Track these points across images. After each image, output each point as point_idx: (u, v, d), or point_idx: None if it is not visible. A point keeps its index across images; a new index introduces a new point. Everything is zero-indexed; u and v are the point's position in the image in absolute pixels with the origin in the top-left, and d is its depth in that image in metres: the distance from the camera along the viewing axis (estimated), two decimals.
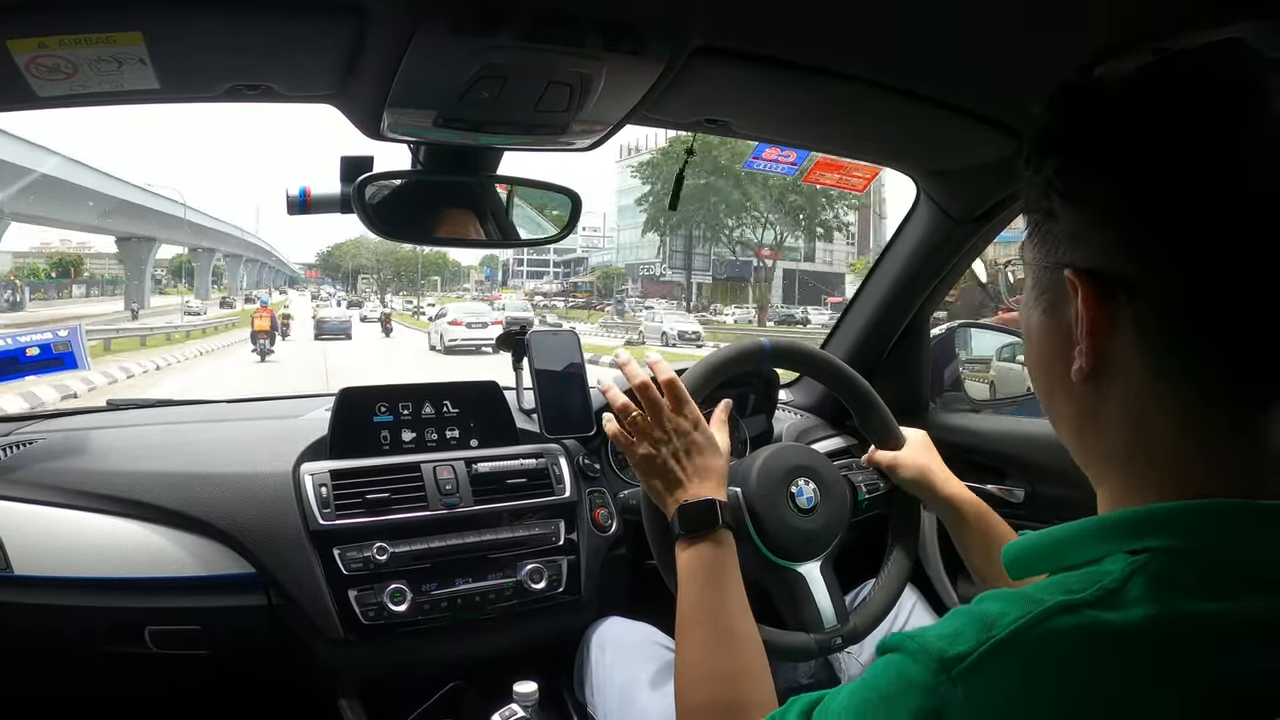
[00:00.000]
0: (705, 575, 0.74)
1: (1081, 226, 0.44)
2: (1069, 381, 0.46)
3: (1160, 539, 0.40)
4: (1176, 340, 0.41)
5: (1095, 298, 0.43)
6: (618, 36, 0.74)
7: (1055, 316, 0.47)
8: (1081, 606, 0.38)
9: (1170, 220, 0.40)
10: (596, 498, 1.28)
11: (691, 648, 0.71)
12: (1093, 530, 0.44)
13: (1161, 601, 0.37)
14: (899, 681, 0.40)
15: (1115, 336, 0.43)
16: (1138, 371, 0.43)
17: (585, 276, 57.29)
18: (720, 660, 0.69)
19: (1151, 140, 0.41)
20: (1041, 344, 0.49)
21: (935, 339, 1.60)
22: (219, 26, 0.73)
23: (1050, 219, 0.46)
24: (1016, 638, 0.37)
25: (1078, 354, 0.44)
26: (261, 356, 14.46)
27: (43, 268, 49.60)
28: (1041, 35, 0.75)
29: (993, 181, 1.20)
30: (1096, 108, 0.44)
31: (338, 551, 1.08)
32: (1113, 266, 0.42)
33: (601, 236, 62.91)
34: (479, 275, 53.93)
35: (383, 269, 64.12)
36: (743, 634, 0.71)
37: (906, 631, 0.42)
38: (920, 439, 1.00)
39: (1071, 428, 0.49)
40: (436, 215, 1.08)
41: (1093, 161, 0.43)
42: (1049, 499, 1.29)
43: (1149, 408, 0.43)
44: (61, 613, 1.05)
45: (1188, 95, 0.42)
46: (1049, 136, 0.46)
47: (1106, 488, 0.47)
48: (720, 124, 1.05)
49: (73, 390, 8.52)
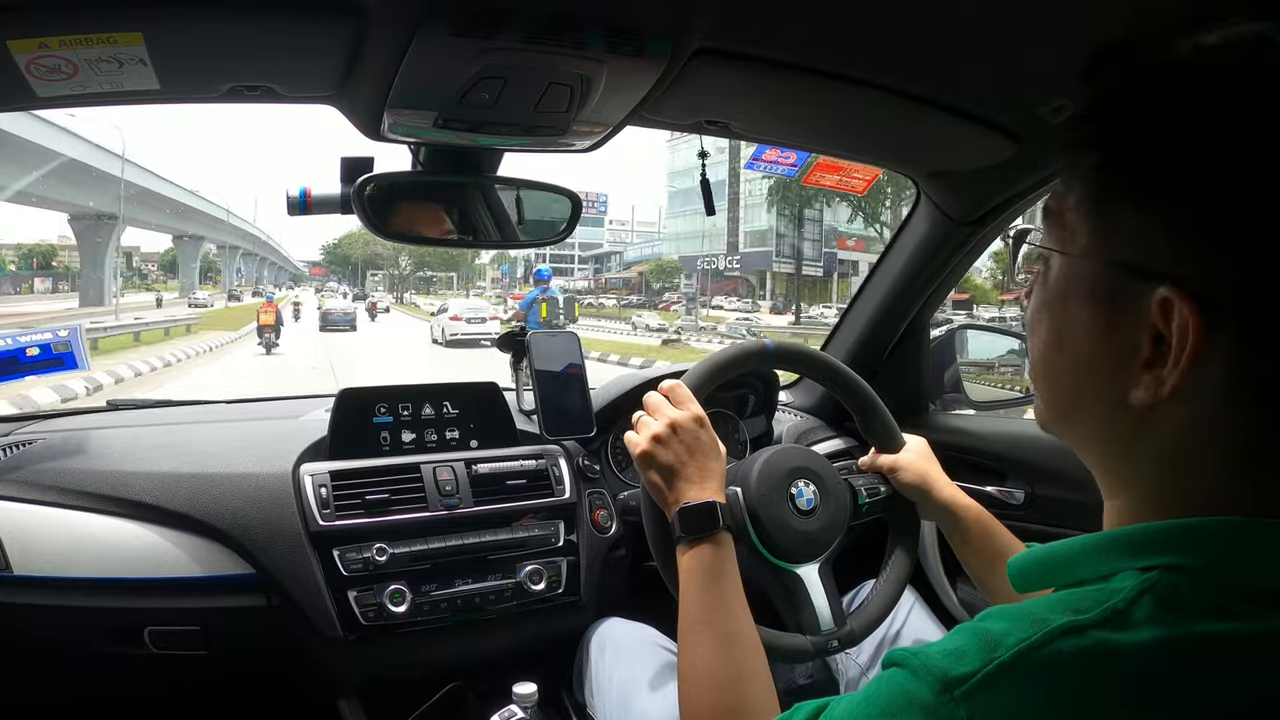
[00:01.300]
0: (706, 578, 0.74)
1: (1176, 236, 0.38)
2: (1112, 400, 0.41)
3: (1171, 557, 0.38)
4: (1254, 367, 0.38)
5: (1201, 324, 0.37)
6: (618, 38, 0.74)
7: (1114, 327, 0.41)
8: (1087, 628, 0.36)
9: (1270, 238, 0.36)
10: (596, 499, 1.27)
11: (694, 652, 0.71)
12: (1103, 545, 0.42)
13: (1170, 624, 0.36)
14: (901, 698, 0.39)
15: (1199, 363, 0.38)
16: (1212, 402, 0.38)
17: (621, 272, 53.87)
18: (722, 665, 0.69)
19: (1255, 144, 0.37)
20: (1085, 355, 0.43)
21: (935, 340, 1.61)
22: (219, 27, 0.73)
23: (1122, 209, 0.40)
24: (1020, 660, 0.36)
25: (1150, 380, 0.39)
26: (267, 350, 14.84)
27: (10, 259, 47.33)
28: (1042, 36, 0.75)
29: (993, 183, 1.20)
30: (1204, 96, 0.38)
31: (337, 552, 1.08)
32: (1213, 288, 0.37)
33: (630, 230, 60.17)
34: (495, 273, 51.79)
35: (397, 261, 59.64)
36: (744, 637, 0.71)
37: (911, 648, 0.41)
38: (921, 446, 0.99)
39: (1097, 445, 0.45)
40: (436, 216, 1.08)
41: (1202, 164, 0.38)
42: (1049, 501, 1.29)
43: (1206, 435, 0.39)
44: (61, 613, 1.05)
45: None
46: (1137, 121, 0.40)
47: (1122, 501, 0.44)
48: (721, 125, 1.05)
49: (73, 392, 8.49)
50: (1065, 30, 0.72)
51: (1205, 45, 0.39)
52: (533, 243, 1.14)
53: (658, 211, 53.19)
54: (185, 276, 48.19)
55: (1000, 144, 1.02)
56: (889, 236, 1.40)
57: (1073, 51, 0.54)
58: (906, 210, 1.38)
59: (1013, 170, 1.12)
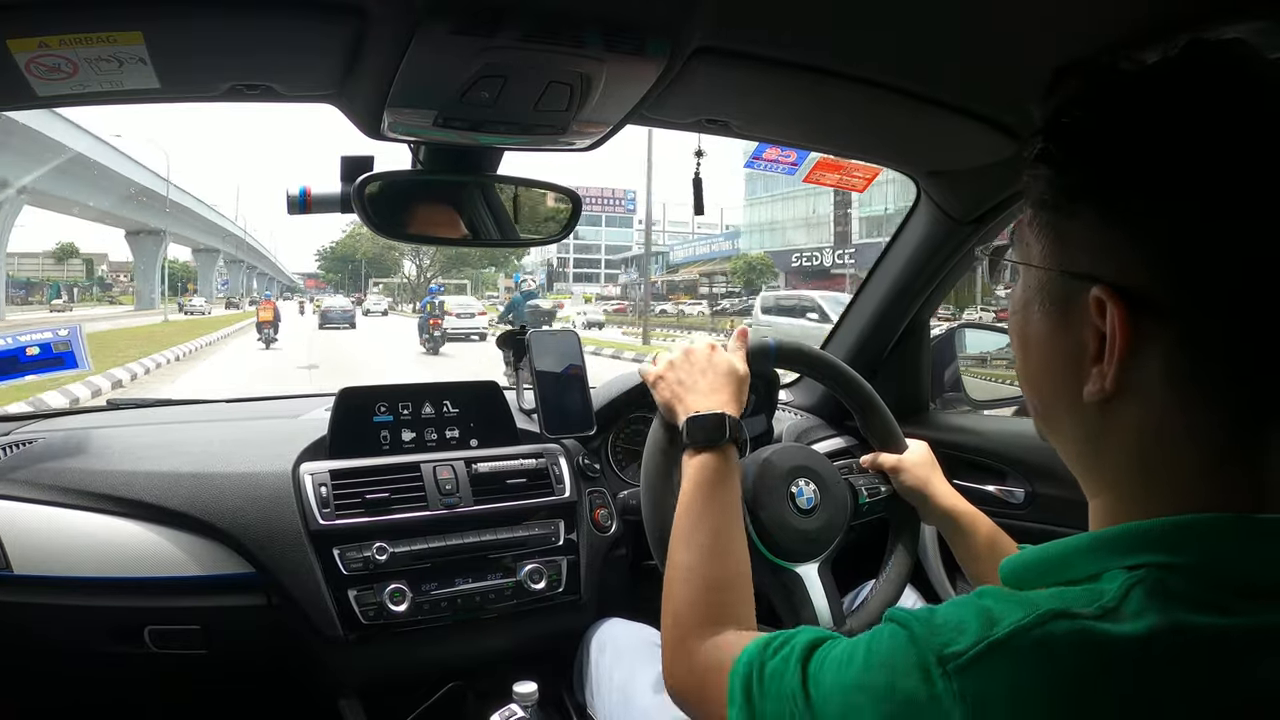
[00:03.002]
0: (708, 486, 0.75)
1: (1114, 239, 0.41)
2: (1076, 399, 0.44)
3: (1158, 555, 0.39)
4: (1204, 366, 0.40)
5: (1128, 318, 0.40)
6: (618, 37, 0.74)
7: (1065, 329, 0.44)
8: (1080, 618, 0.37)
9: (1215, 243, 0.38)
10: (596, 498, 1.28)
11: (684, 551, 0.72)
12: (1092, 545, 0.43)
13: (1159, 614, 0.37)
14: (898, 658, 0.40)
15: (1136, 359, 0.41)
16: (1158, 395, 0.41)
17: (666, 275, 46.83)
18: (710, 567, 0.70)
19: (1204, 152, 0.39)
20: (1045, 357, 0.46)
21: (935, 339, 1.61)
22: (219, 26, 0.73)
23: (1069, 219, 0.43)
24: (1013, 639, 0.37)
25: (1096, 375, 0.42)
26: (266, 344, 15.63)
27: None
28: (1042, 36, 0.75)
29: (993, 182, 1.20)
30: (1141, 110, 0.41)
31: (337, 551, 1.08)
32: (1147, 287, 0.40)
33: (662, 231, 55.20)
34: (508, 281, 49.18)
35: (402, 267, 52.89)
36: (734, 547, 0.72)
37: (915, 611, 0.42)
38: (923, 451, 0.99)
39: (1073, 445, 0.47)
40: (436, 215, 1.08)
41: (1134, 171, 0.40)
42: (1049, 500, 1.29)
43: (1162, 430, 0.41)
44: (61, 612, 1.05)
45: (1238, 100, 0.39)
46: (1081, 133, 0.42)
47: (1103, 500, 0.46)
48: (721, 124, 1.05)
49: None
50: (1065, 27, 0.72)
51: (1148, 59, 0.42)
52: (533, 242, 1.14)
53: (662, 209, 50.44)
54: (142, 282, 35.93)
55: (1000, 142, 1.02)
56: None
57: (1073, 49, 0.54)
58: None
59: (1012, 169, 1.11)
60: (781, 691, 0.47)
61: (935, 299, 1.50)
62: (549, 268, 42.70)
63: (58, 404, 6.95)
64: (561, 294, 45.58)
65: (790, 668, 0.47)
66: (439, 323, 14.64)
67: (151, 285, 35.28)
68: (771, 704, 0.47)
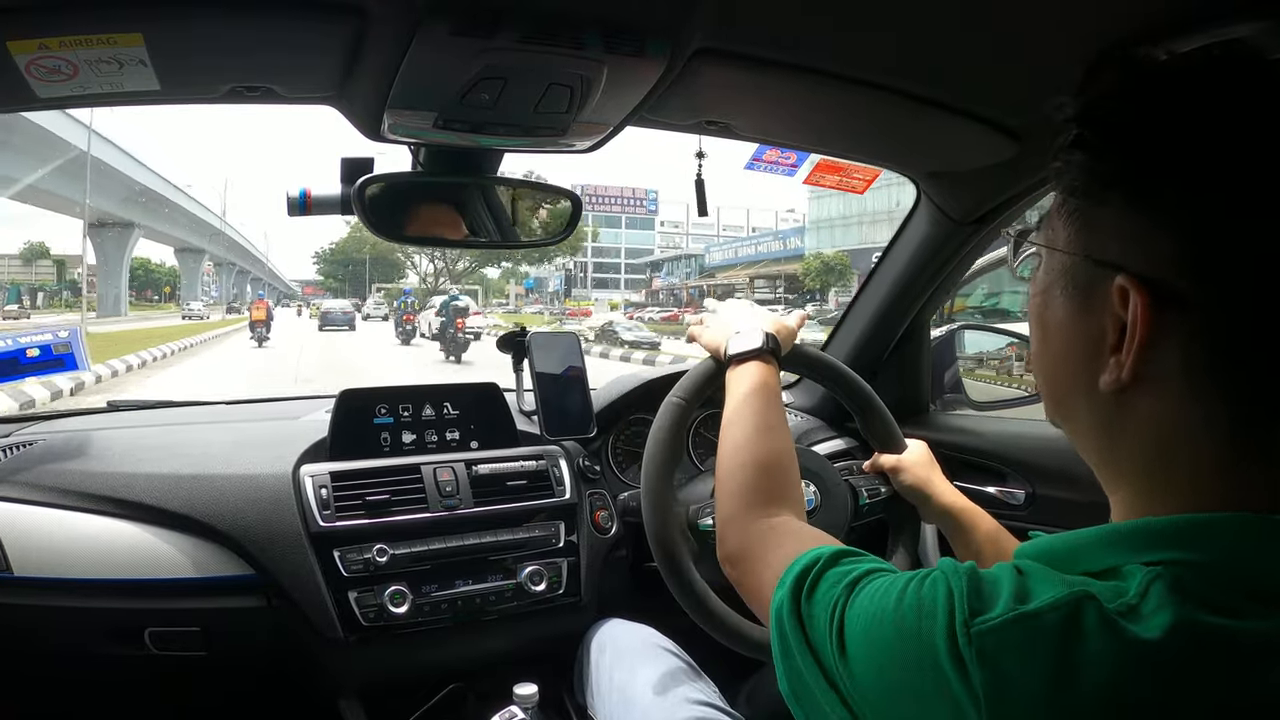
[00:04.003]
0: (752, 387, 0.81)
1: (1142, 228, 0.41)
2: (1093, 387, 0.44)
3: (1177, 552, 0.39)
4: (1221, 360, 0.40)
5: (1150, 309, 0.40)
6: (618, 38, 0.74)
7: (1086, 315, 0.44)
8: (1107, 609, 0.37)
9: (1243, 234, 0.38)
10: (597, 500, 1.27)
11: (734, 436, 0.77)
12: (1106, 538, 0.43)
13: (1176, 612, 0.37)
14: (938, 605, 0.40)
15: (1155, 350, 0.41)
16: (1174, 388, 0.41)
17: (702, 279, 44.52)
18: (759, 449, 0.74)
19: (1235, 148, 0.39)
20: (1065, 344, 0.46)
21: (935, 340, 1.60)
22: (219, 28, 0.73)
23: (1099, 206, 0.43)
24: (1042, 614, 0.38)
25: (1113, 365, 0.42)
26: (259, 343, 16.27)
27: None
28: (1043, 37, 0.75)
29: (993, 184, 1.20)
30: (1180, 102, 0.40)
31: (338, 553, 1.08)
32: (1172, 278, 0.40)
33: (684, 234, 54.71)
34: (518, 288, 46.94)
35: (408, 274, 48.36)
36: (781, 436, 0.77)
37: (964, 567, 0.42)
38: (922, 450, 0.99)
39: (1088, 434, 0.47)
40: (437, 216, 1.08)
41: (1168, 161, 0.40)
42: (1050, 501, 1.29)
43: (1178, 423, 0.41)
44: (61, 614, 1.05)
45: (1271, 99, 0.39)
46: (1118, 121, 0.42)
47: (1122, 495, 0.45)
48: (721, 126, 1.05)
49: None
50: (1066, 29, 0.72)
51: (1185, 53, 0.42)
52: (533, 243, 1.14)
53: (685, 210, 47.49)
54: (106, 284, 29.22)
55: (1001, 144, 1.02)
56: None
57: (1074, 50, 0.54)
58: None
59: (1013, 170, 1.12)
60: (828, 596, 0.47)
61: (935, 300, 1.50)
62: (566, 273, 41.20)
63: (39, 396, 7.00)
64: (583, 300, 44.05)
65: (843, 583, 0.47)
66: (463, 324, 13.64)
67: (117, 287, 30.25)
68: (819, 606, 0.48)
